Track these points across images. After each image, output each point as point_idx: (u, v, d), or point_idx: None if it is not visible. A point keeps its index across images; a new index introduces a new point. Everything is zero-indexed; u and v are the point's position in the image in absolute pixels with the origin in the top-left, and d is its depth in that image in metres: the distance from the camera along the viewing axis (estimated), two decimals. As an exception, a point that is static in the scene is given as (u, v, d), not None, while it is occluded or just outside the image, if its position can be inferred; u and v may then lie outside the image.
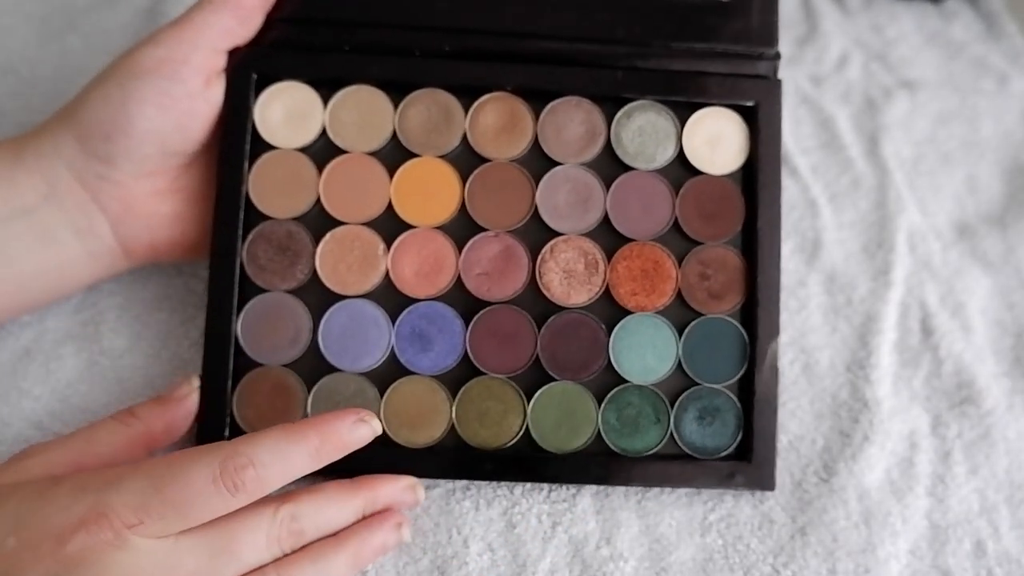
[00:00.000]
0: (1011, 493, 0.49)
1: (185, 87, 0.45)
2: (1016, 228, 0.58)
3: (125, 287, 0.52)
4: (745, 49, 0.49)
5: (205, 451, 0.37)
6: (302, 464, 0.39)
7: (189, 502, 0.36)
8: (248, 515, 0.39)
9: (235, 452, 0.37)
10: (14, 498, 0.36)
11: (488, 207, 0.48)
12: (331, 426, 0.39)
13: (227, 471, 0.37)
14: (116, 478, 0.36)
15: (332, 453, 0.40)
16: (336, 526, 0.42)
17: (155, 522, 0.36)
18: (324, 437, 0.39)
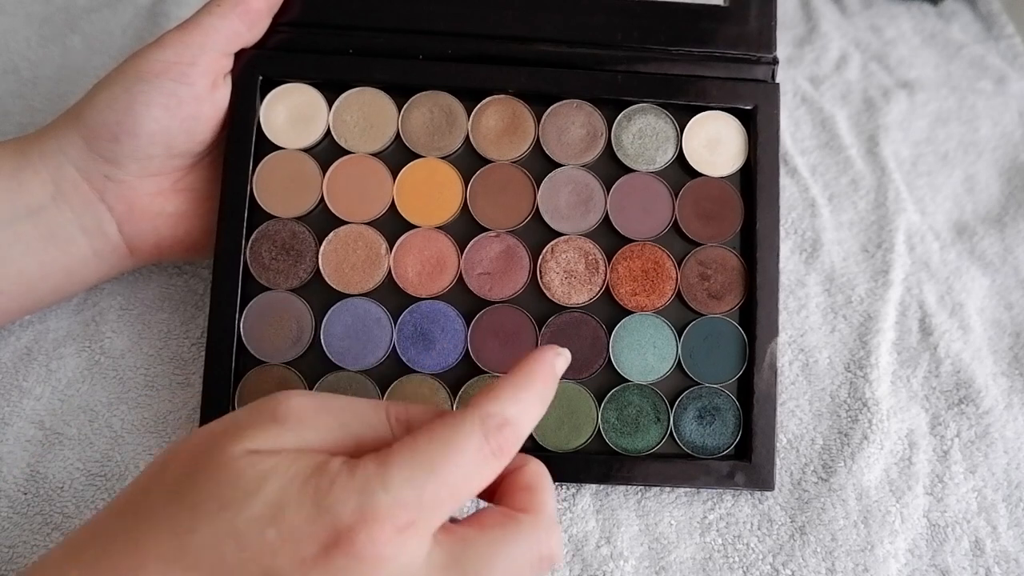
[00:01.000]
0: (1009, 492, 0.49)
1: (192, 89, 0.45)
2: (1014, 228, 0.58)
3: (126, 287, 0.52)
4: (743, 53, 0.49)
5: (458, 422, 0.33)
6: (536, 411, 0.36)
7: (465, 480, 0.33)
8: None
9: (486, 416, 0.34)
10: (275, 480, 0.31)
11: (490, 208, 0.48)
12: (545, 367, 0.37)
13: (490, 434, 0.33)
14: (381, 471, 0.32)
15: (552, 386, 0.37)
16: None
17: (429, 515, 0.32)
18: (545, 380, 0.36)
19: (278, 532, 0.31)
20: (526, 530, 0.34)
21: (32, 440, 0.48)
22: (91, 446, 0.48)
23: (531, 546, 0.34)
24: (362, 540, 0.31)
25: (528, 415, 0.35)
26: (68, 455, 0.48)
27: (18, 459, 0.48)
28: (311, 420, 0.34)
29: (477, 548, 0.33)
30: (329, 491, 0.31)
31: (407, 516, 0.31)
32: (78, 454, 0.48)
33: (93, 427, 0.49)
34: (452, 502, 0.33)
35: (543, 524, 0.35)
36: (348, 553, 0.30)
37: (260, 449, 0.33)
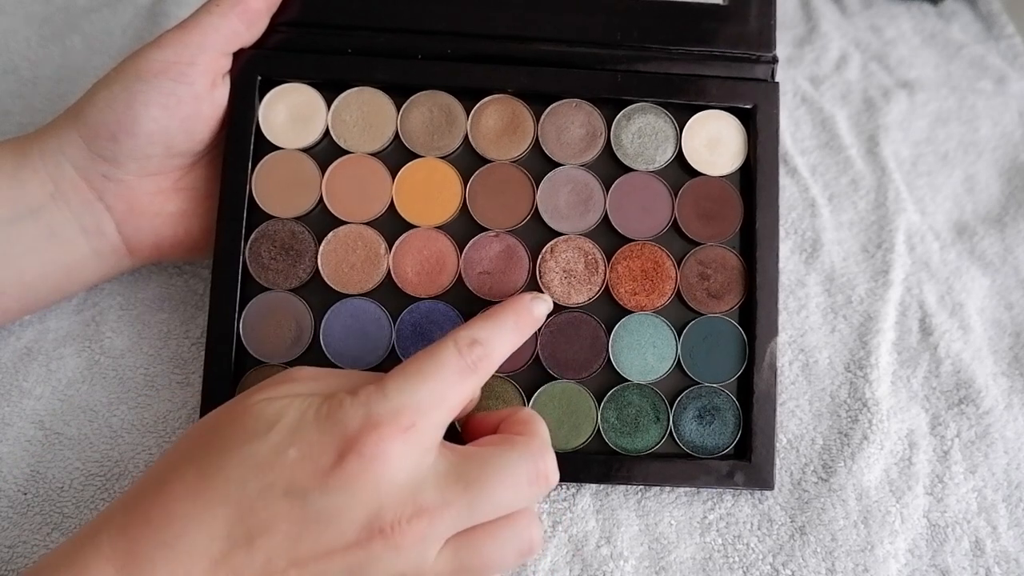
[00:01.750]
0: (1009, 492, 0.49)
1: (191, 89, 0.45)
2: (1014, 228, 0.58)
3: (126, 287, 0.52)
4: (743, 52, 0.49)
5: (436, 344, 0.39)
6: (508, 339, 0.41)
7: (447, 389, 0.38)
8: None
9: (457, 337, 0.39)
10: (291, 411, 0.36)
11: (489, 207, 0.48)
12: (519, 303, 0.42)
13: (462, 350, 0.38)
14: (379, 387, 0.36)
15: (528, 326, 0.42)
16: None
17: (425, 421, 0.36)
18: (517, 313, 0.42)
19: (298, 450, 0.35)
20: (520, 448, 0.39)
21: (32, 440, 0.48)
22: (91, 446, 0.48)
23: (526, 461, 0.38)
24: (372, 442, 0.35)
25: (497, 339, 0.40)
26: (68, 455, 0.48)
27: (18, 459, 0.48)
28: (317, 378, 0.39)
29: (477, 459, 0.38)
30: (339, 409, 0.36)
31: (407, 419, 0.36)
32: (78, 454, 0.48)
33: (93, 427, 0.49)
34: (442, 409, 0.37)
35: (537, 444, 0.39)
36: (360, 455, 0.35)
37: (275, 396, 0.37)
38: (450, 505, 0.36)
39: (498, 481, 0.37)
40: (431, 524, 0.36)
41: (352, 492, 0.35)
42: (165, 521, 0.34)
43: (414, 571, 0.36)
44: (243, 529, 0.34)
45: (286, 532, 0.34)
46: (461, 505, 0.36)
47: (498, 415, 0.42)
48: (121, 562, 0.34)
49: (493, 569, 0.38)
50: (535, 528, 0.39)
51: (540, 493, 0.39)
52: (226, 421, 0.37)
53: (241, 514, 0.34)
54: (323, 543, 0.35)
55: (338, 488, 0.35)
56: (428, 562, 0.36)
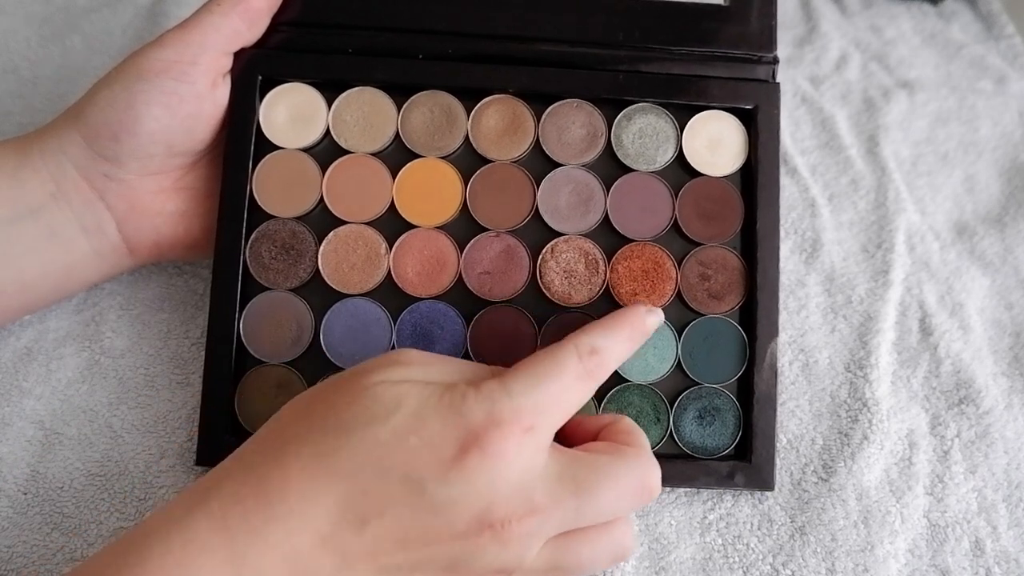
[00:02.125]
0: (1009, 492, 0.49)
1: (193, 88, 0.45)
2: (1014, 228, 0.58)
3: (126, 287, 0.52)
4: (744, 53, 0.49)
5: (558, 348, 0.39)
6: (623, 349, 0.41)
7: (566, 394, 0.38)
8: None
9: (579, 343, 0.39)
10: (413, 397, 0.36)
11: (489, 207, 0.48)
12: (635, 315, 0.42)
13: (583, 356, 0.39)
14: (502, 384, 0.37)
15: (640, 337, 0.42)
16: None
17: (544, 422, 0.37)
18: (633, 324, 0.42)
19: (419, 439, 0.35)
20: (631, 459, 0.39)
21: (32, 440, 0.48)
22: (91, 446, 0.48)
23: (634, 473, 0.39)
24: (493, 439, 0.35)
25: (614, 348, 0.41)
26: (68, 455, 0.48)
27: (18, 459, 0.48)
28: (430, 364, 0.39)
29: (588, 465, 0.38)
30: (463, 402, 0.36)
31: (528, 420, 0.36)
32: (78, 454, 0.48)
33: (93, 427, 0.49)
34: (559, 412, 0.38)
35: (645, 457, 0.40)
36: (482, 451, 0.35)
37: (391, 379, 0.37)
38: (559, 506, 0.37)
39: (607, 488, 0.38)
40: (540, 523, 0.36)
41: (469, 485, 0.35)
42: (279, 496, 0.35)
43: (514, 565, 0.37)
44: (356, 510, 0.35)
45: (398, 516, 0.35)
46: (569, 508, 0.37)
47: (598, 421, 0.43)
48: (233, 531, 0.34)
49: (586, 570, 0.39)
50: (630, 536, 0.40)
51: (643, 504, 0.39)
52: (343, 400, 0.37)
53: (356, 495, 0.35)
54: (433, 531, 0.35)
55: (456, 480, 0.35)
56: (528, 558, 0.37)
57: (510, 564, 0.36)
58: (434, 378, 0.38)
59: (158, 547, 0.34)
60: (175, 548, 0.34)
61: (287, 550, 0.34)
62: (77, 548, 0.45)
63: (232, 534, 0.34)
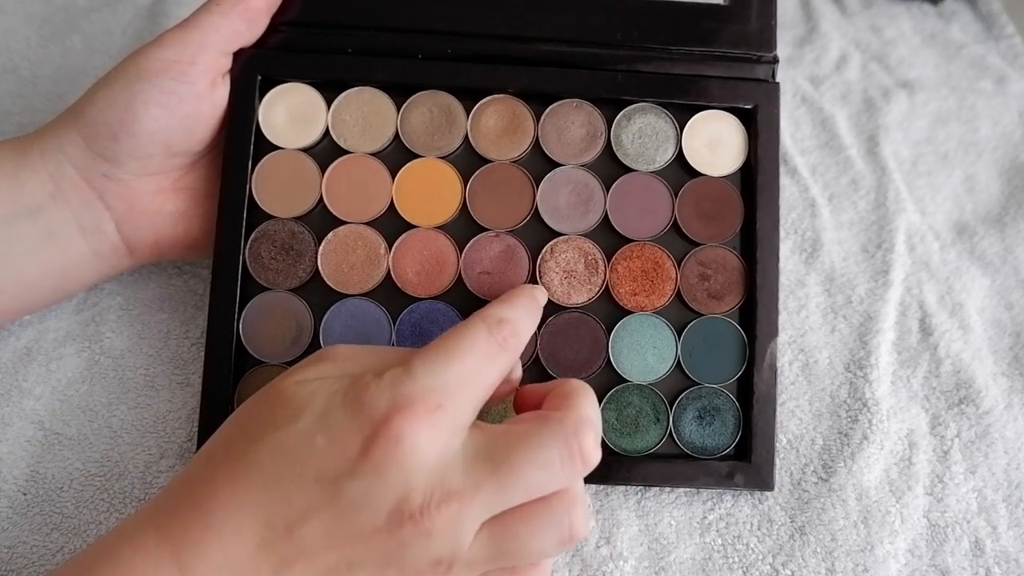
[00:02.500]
0: (1009, 492, 0.49)
1: (192, 88, 0.45)
2: (1014, 228, 0.58)
3: (126, 287, 0.52)
4: (744, 52, 0.49)
5: (464, 323, 0.39)
6: (530, 321, 0.41)
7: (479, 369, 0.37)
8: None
9: (486, 315, 0.39)
10: (320, 395, 0.36)
11: (489, 207, 0.48)
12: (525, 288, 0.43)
13: (492, 329, 0.38)
14: (405, 367, 0.36)
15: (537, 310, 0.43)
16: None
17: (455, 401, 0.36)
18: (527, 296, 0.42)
19: (325, 437, 0.35)
20: (554, 425, 0.37)
21: (32, 440, 0.48)
22: (91, 446, 0.48)
23: (557, 440, 0.36)
24: (398, 425, 0.34)
25: (522, 318, 0.40)
26: (68, 455, 0.48)
27: (18, 459, 0.48)
28: (352, 358, 0.39)
29: (508, 439, 0.37)
30: (364, 392, 0.35)
31: (435, 399, 0.35)
32: (78, 454, 0.48)
33: (93, 427, 0.49)
34: (473, 389, 0.37)
35: (572, 421, 0.37)
36: (388, 439, 0.34)
37: (307, 379, 0.37)
38: (480, 488, 0.35)
39: (527, 461, 0.36)
40: (461, 508, 0.35)
41: (381, 477, 0.34)
42: (211, 506, 0.35)
43: (449, 557, 0.35)
44: (280, 517, 0.34)
45: (320, 519, 0.34)
46: (491, 487, 0.35)
47: (544, 387, 0.41)
48: (175, 544, 0.34)
49: (532, 555, 0.37)
50: (576, 512, 0.37)
51: (576, 473, 0.37)
52: (261, 407, 0.37)
53: (277, 502, 0.35)
54: (356, 529, 0.35)
55: (366, 473, 0.34)
56: (463, 548, 0.36)
57: (444, 555, 0.35)
58: (349, 371, 0.37)
59: (109, 562, 0.35)
60: (124, 560, 0.35)
61: (226, 559, 0.34)
62: (77, 548, 0.45)
63: (175, 546, 0.34)
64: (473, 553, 0.36)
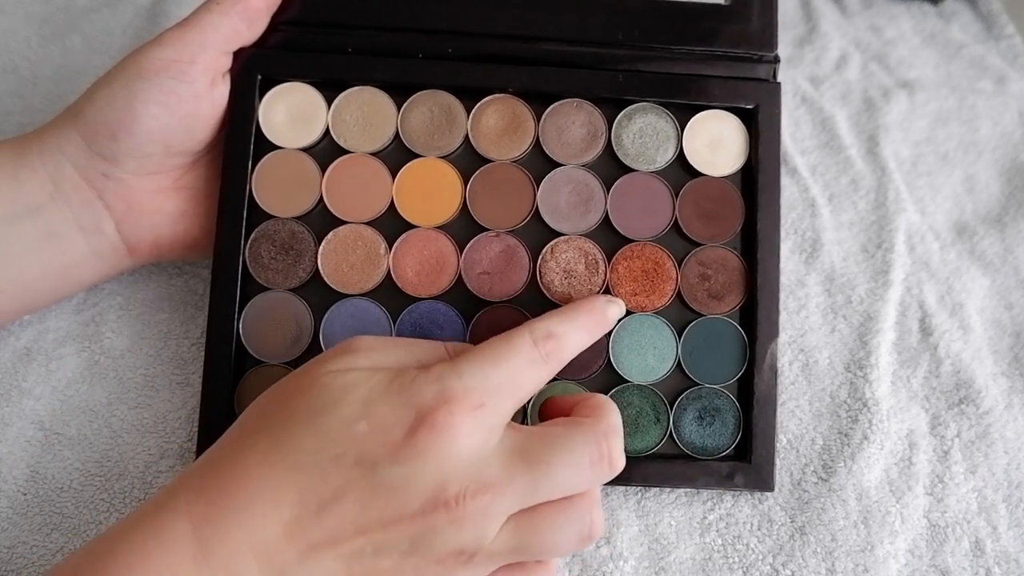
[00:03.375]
0: (1009, 492, 0.49)
1: (192, 88, 0.45)
2: (1014, 228, 0.58)
3: (126, 287, 0.52)
4: (745, 52, 0.49)
5: (513, 331, 0.40)
6: (581, 337, 0.42)
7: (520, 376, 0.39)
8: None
9: (534, 328, 0.40)
10: (361, 385, 0.37)
11: (489, 207, 0.48)
12: (594, 304, 0.44)
13: (538, 342, 0.40)
14: (453, 365, 0.38)
15: (600, 328, 0.44)
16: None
17: (495, 402, 0.37)
18: (591, 313, 0.43)
19: (369, 424, 0.36)
20: (586, 430, 0.39)
21: (32, 440, 0.48)
22: (91, 446, 0.48)
23: (589, 443, 0.38)
24: (442, 416, 0.36)
25: (571, 335, 0.41)
26: (68, 455, 0.48)
27: (18, 459, 0.48)
28: (380, 349, 0.40)
29: (542, 438, 0.39)
30: (412, 384, 0.37)
31: (478, 398, 0.37)
32: (78, 454, 0.48)
33: (93, 427, 0.49)
34: (513, 393, 0.39)
35: (603, 427, 0.40)
36: (431, 428, 0.36)
37: (339, 369, 0.38)
38: (513, 481, 0.37)
39: (560, 460, 0.38)
40: (494, 500, 0.36)
41: (421, 463, 0.36)
42: (239, 486, 0.35)
43: (474, 546, 0.37)
44: (313, 497, 0.35)
45: (354, 500, 0.35)
46: (524, 482, 0.37)
47: (572, 399, 0.43)
48: (197, 523, 0.35)
49: (551, 550, 0.39)
50: (596, 513, 0.39)
51: (603, 476, 0.39)
52: (296, 393, 0.38)
53: (312, 483, 0.35)
54: (389, 513, 0.36)
55: (407, 459, 0.36)
56: (488, 538, 0.37)
57: (469, 545, 0.36)
58: (383, 363, 0.39)
59: (127, 544, 0.35)
60: (143, 541, 0.35)
61: (252, 540, 0.35)
62: (77, 548, 0.45)
63: (197, 526, 0.35)
64: (495, 545, 0.37)
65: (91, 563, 0.35)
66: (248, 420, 0.39)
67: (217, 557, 0.34)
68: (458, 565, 0.37)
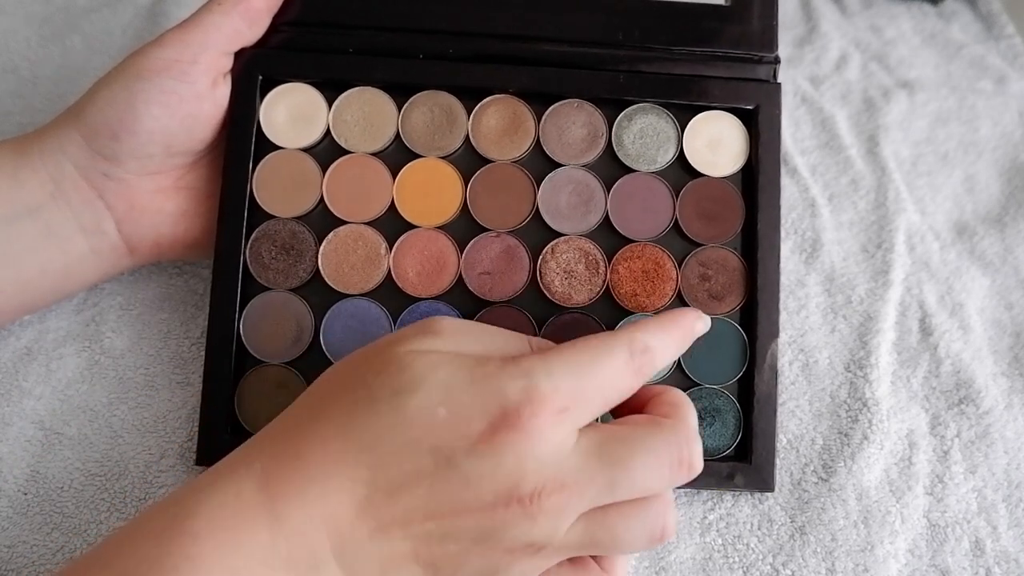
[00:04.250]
0: (1009, 492, 0.49)
1: (193, 88, 0.45)
2: (1014, 228, 0.58)
3: (126, 287, 0.52)
4: (745, 53, 0.49)
5: (610, 338, 0.38)
6: (673, 351, 0.41)
7: (611, 385, 0.38)
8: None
9: (633, 338, 0.38)
10: (443, 368, 0.36)
11: (490, 207, 0.48)
12: (685, 318, 0.42)
13: (635, 354, 0.38)
14: (544, 362, 0.36)
15: (687, 344, 0.42)
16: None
17: (581, 407, 0.36)
18: (683, 328, 0.41)
19: (448, 411, 0.35)
20: (667, 432, 0.38)
21: (32, 440, 0.48)
22: (91, 446, 0.48)
23: (671, 447, 0.38)
24: (527, 416, 0.35)
25: (666, 349, 0.40)
26: (68, 455, 0.48)
27: (18, 459, 0.48)
28: (463, 333, 0.39)
29: (621, 439, 0.37)
30: (498, 375, 0.36)
31: (564, 401, 0.35)
32: (78, 454, 0.48)
33: (93, 427, 0.49)
34: (600, 401, 0.37)
35: (684, 430, 0.38)
36: (514, 427, 0.34)
37: (420, 349, 0.37)
38: (591, 481, 0.36)
39: (641, 462, 0.37)
40: (569, 499, 0.36)
41: (498, 460, 0.35)
42: (315, 459, 0.35)
43: (544, 540, 0.36)
44: (385, 478, 0.35)
45: (427, 487, 0.35)
46: (602, 482, 0.36)
47: (648, 392, 0.41)
48: (272, 492, 0.35)
49: (621, 548, 0.38)
50: (670, 514, 0.38)
51: (681, 480, 0.38)
52: (373, 369, 0.37)
53: (385, 464, 0.35)
54: (461, 503, 0.35)
55: (485, 454, 0.35)
56: (560, 533, 0.36)
57: (540, 539, 0.36)
58: (467, 349, 0.37)
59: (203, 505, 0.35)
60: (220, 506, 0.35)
61: (325, 514, 0.34)
62: (77, 548, 0.45)
63: (272, 494, 0.34)
64: (566, 540, 0.37)
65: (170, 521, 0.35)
66: (323, 392, 0.38)
67: (290, 526, 0.34)
68: (525, 556, 0.36)
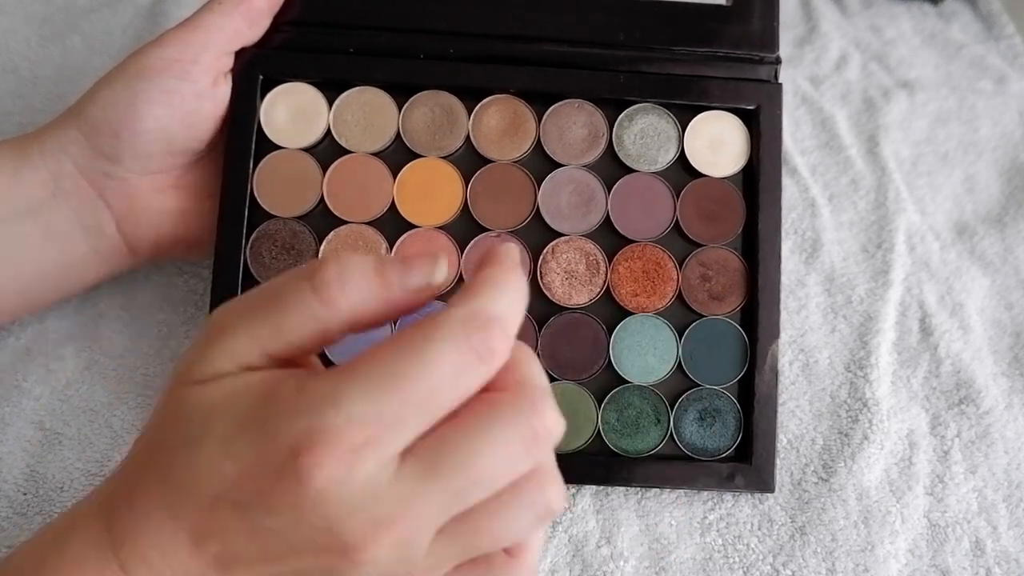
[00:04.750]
0: (1009, 492, 0.49)
1: (193, 87, 0.45)
2: (1014, 228, 0.58)
3: (126, 287, 0.52)
4: (746, 53, 0.49)
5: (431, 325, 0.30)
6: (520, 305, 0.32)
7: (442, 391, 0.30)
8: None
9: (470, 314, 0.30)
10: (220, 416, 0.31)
11: (490, 208, 0.48)
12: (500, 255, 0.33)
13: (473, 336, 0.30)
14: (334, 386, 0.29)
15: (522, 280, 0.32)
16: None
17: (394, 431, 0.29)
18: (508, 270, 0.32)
19: (234, 466, 0.30)
20: (507, 407, 0.31)
21: (32, 440, 0.48)
22: (91, 446, 0.48)
23: (517, 426, 0.31)
24: (307, 466, 0.28)
25: (514, 310, 0.31)
26: (68, 455, 0.48)
27: (18, 459, 0.48)
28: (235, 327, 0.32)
29: (455, 442, 0.30)
30: (275, 416, 0.29)
31: (365, 432, 0.29)
32: (78, 454, 0.48)
33: (93, 427, 0.49)
34: (422, 417, 0.30)
35: (527, 396, 0.31)
36: (297, 481, 0.28)
37: (204, 379, 0.31)
38: (427, 504, 0.30)
39: (486, 460, 0.30)
40: (406, 531, 0.30)
41: (295, 515, 0.29)
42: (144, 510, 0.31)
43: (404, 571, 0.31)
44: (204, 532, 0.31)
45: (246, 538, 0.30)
46: (443, 498, 0.30)
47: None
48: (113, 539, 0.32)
49: (506, 541, 0.33)
50: (549, 490, 0.32)
51: (543, 453, 0.32)
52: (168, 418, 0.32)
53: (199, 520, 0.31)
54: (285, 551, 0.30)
55: (280, 510, 0.29)
56: (418, 560, 0.31)
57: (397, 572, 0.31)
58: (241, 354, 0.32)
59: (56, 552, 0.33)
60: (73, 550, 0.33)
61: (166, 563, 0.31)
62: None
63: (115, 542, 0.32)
64: (435, 559, 0.31)
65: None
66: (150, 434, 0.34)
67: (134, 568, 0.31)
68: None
